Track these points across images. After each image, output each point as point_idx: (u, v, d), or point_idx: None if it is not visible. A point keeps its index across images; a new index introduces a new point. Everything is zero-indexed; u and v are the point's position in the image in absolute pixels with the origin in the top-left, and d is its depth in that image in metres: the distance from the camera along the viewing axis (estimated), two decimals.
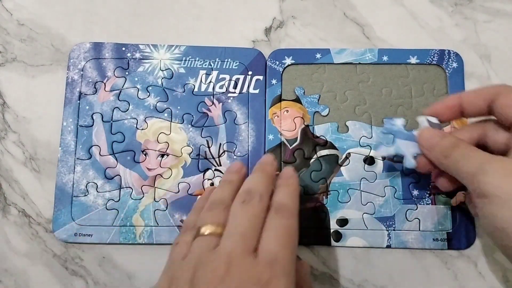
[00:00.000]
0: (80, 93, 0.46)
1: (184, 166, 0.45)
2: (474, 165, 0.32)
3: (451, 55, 0.47)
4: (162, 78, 0.47)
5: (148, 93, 0.46)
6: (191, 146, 0.45)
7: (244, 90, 0.46)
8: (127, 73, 0.47)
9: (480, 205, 0.32)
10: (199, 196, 0.43)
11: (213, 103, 0.46)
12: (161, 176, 0.44)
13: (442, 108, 0.38)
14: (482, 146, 0.37)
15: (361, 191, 0.44)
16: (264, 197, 0.32)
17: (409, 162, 0.38)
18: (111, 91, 0.46)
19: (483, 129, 0.37)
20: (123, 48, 0.47)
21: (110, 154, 0.45)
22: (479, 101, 0.35)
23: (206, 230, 0.31)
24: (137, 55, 0.47)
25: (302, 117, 0.46)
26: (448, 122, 0.43)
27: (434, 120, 0.38)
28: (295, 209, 0.32)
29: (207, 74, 0.47)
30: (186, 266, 0.30)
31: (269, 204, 0.32)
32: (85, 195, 0.44)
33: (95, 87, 0.46)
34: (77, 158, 0.44)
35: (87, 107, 0.46)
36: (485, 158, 0.32)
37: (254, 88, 0.46)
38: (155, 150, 0.45)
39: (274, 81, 0.47)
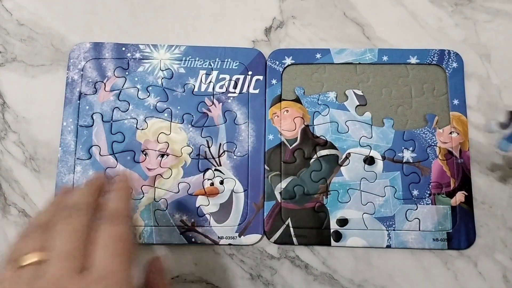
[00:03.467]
0: (80, 93, 0.46)
1: (184, 166, 0.45)
2: None
3: (451, 55, 0.47)
4: (162, 78, 0.46)
5: (148, 93, 0.46)
6: (191, 146, 0.45)
7: (244, 90, 0.46)
8: (127, 73, 0.47)
9: None
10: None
11: (213, 103, 0.46)
12: (161, 176, 0.44)
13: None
14: None
15: (361, 191, 0.44)
16: (86, 209, 0.28)
17: (342, 127, 0.45)
18: (111, 91, 0.46)
19: None
20: (123, 48, 0.47)
21: (110, 154, 0.45)
22: None
23: (26, 260, 0.27)
24: (137, 55, 0.47)
25: (302, 117, 0.46)
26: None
27: (359, 92, 0.45)
28: (126, 213, 0.29)
29: (207, 74, 0.47)
30: None
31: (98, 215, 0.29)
32: None
33: (95, 87, 0.46)
34: (77, 158, 0.44)
35: (87, 107, 0.46)
36: None
37: (254, 88, 0.46)
38: (155, 150, 0.45)
39: (274, 81, 0.47)
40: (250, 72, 0.47)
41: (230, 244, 0.43)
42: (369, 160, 0.45)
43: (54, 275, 0.25)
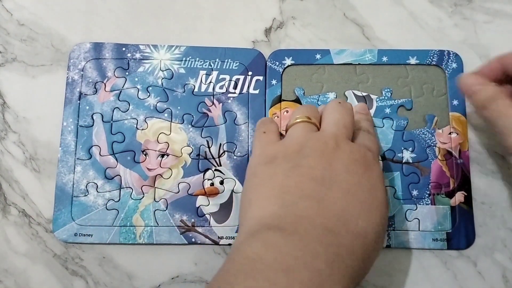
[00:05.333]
0: (80, 93, 0.46)
1: (184, 166, 0.45)
2: (508, 126, 0.34)
3: (451, 55, 0.47)
4: (162, 78, 0.47)
5: (148, 93, 0.46)
6: (191, 146, 0.45)
7: (244, 91, 0.47)
8: (127, 73, 0.47)
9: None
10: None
11: (213, 103, 0.46)
12: (161, 176, 0.44)
13: (486, 70, 0.39)
14: None
15: None
16: (351, 110, 0.37)
17: None
18: (111, 91, 0.46)
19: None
20: (123, 49, 0.47)
21: (110, 154, 0.45)
22: None
23: (300, 119, 0.36)
24: (137, 55, 0.47)
25: None
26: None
27: (359, 93, 0.45)
28: (374, 133, 0.39)
29: (207, 75, 0.47)
30: (289, 142, 0.34)
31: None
32: (85, 195, 0.44)
33: (95, 87, 0.46)
34: (77, 158, 0.44)
35: (87, 107, 0.46)
36: None
37: (254, 89, 0.47)
38: (155, 150, 0.45)
39: (274, 82, 0.47)
40: (250, 73, 0.47)
41: (230, 244, 0.43)
42: None
43: (332, 132, 0.34)
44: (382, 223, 0.32)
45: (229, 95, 0.46)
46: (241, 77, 0.47)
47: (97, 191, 0.44)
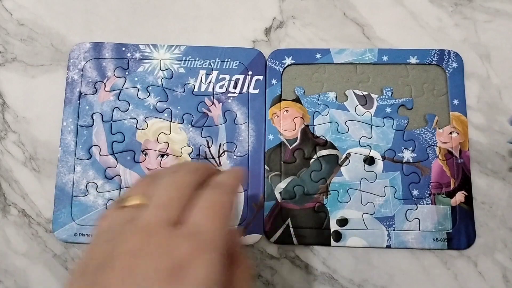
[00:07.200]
0: (80, 93, 0.46)
1: None
2: None
3: (451, 55, 0.47)
4: (162, 78, 0.47)
5: (148, 93, 0.46)
6: (191, 146, 0.45)
7: (244, 90, 0.46)
8: (127, 73, 0.47)
9: None
10: None
11: (213, 103, 0.46)
12: None
13: None
14: None
15: (361, 191, 0.44)
16: (196, 171, 0.29)
17: (341, 127, 0.45)
18: (111, 91, 0.46)
19: None
20: (123, 48, 0.47)
21: (110, 154, 0.45)
22: None
23: (130, 201, 0.28)
24: (137, 55, 0.47)
25: (302, 117, 0.46)
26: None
27: (359, 93, 0.45)
28: (234, 188, 0.30)
29: (207, 74, 0.47)
30: (104, 242, 0.25)
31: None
32: (85, 195, 0.44)
33: (95, 87, 0.46)
34: (77, 158, 0.44)
35: (87, 107, 0.46)
36: None
37: (254, 88, 0.47)
38: (155, 150, 0.45)
39: (274, 81, 0.47)
40: (250, 72, 0.47)
41: None
42: (369, 160, 0.45)
43: (146, 221, 0.25)
44: None
45: (229, 94, 0.46)
46: (241, 77, 0.47)
47: (97, 191, 0.44)
